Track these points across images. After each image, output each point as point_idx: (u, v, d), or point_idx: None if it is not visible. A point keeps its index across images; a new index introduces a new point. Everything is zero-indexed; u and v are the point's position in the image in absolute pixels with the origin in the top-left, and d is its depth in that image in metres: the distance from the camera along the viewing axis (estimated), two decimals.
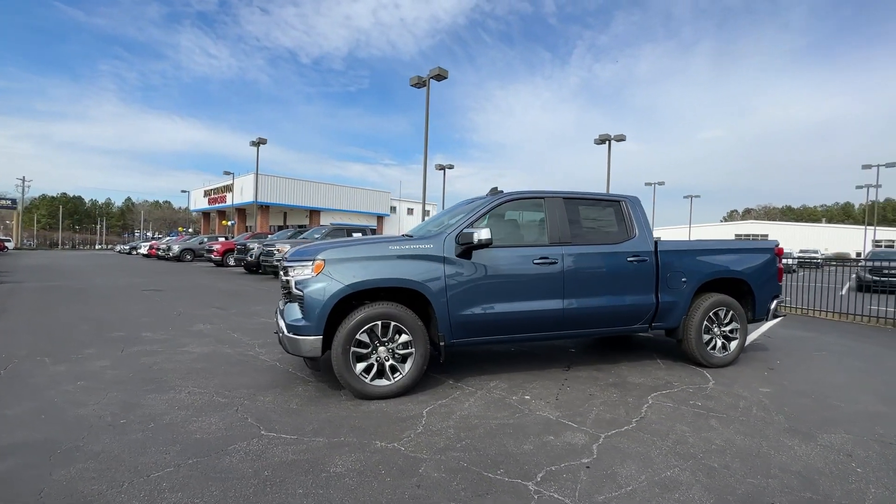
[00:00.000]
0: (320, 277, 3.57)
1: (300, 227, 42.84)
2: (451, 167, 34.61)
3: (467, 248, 3.87)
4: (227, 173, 39.63)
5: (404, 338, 3.70)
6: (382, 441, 2.89)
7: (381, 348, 3.68)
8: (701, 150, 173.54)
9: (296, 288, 3.64)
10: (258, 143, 29.96)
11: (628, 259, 4.40)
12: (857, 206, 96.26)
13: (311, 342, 3.53)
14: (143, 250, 34.31)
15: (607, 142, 24.88)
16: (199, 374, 4.27)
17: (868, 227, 42.61)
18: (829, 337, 6.73)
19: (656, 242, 4.58)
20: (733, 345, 4.84)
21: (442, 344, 3.82)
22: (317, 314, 3.50)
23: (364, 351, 3.63)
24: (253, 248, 16.34)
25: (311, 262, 3.63)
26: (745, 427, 3.22)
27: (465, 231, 3.84)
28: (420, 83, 17.20)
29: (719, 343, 4.80)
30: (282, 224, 47.82)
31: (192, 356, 4.92)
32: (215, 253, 21.13)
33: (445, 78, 16.71)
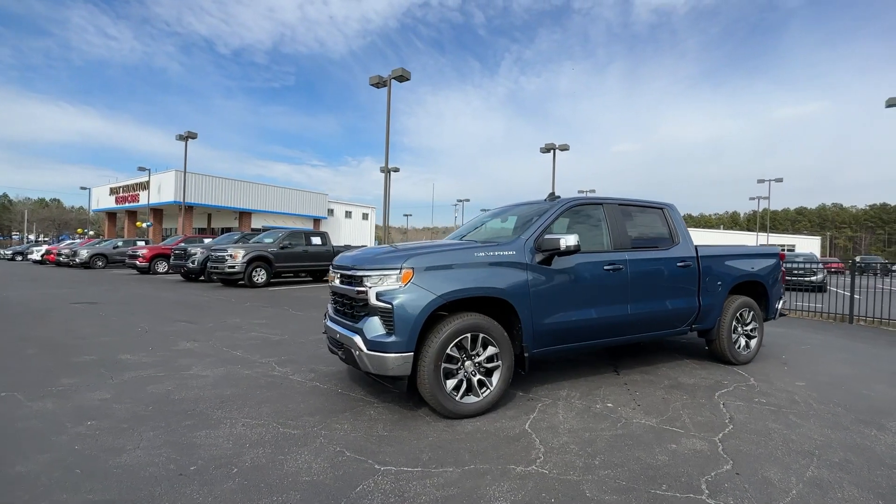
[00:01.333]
0: (410, 287, 3.24)
1: (227, 230, 39.55)
2: (396, 170, 34.10)
3: (549, 255, 3.75)
4: (142, 169, 35.46)
5: (491, 350, 3.48)
6: (517, 465, 2.67)
7: (468, 362, 3.43)
8: (615, 162, 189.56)
9: (378, 300, 3.26)
10: (186, 138, 27.17)
11: (678, 264, 4.56)
12: (742, 215, 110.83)
13: (402, 359, 3.18)
14: (37, 255, 29.46)
15: (552, 150, 26.12)
16: (236, 401, 3.68)
17: (761, 234, 49.30)
18: (797, 332, 7.55)
19: (696, 248, 4.80)
20: (753, 343, 5.22)
21: (526, 355, 3.65)
22: (409, 329, 3.16)
23: (452, 367, 3.36)
24: (196, 254, 14.72)
25: (397, 271, 3.28)
26: (822, 420, 3.45)
27: (547, 237, 3.71)
28: (381, 83, 16.71)
29: (743, 342, 5.15)
30: (205, 226, 43.83)
31: (208, 381, 4.23)
32: (141, 259, 18.72)
33: (408, 79, 16.41)
